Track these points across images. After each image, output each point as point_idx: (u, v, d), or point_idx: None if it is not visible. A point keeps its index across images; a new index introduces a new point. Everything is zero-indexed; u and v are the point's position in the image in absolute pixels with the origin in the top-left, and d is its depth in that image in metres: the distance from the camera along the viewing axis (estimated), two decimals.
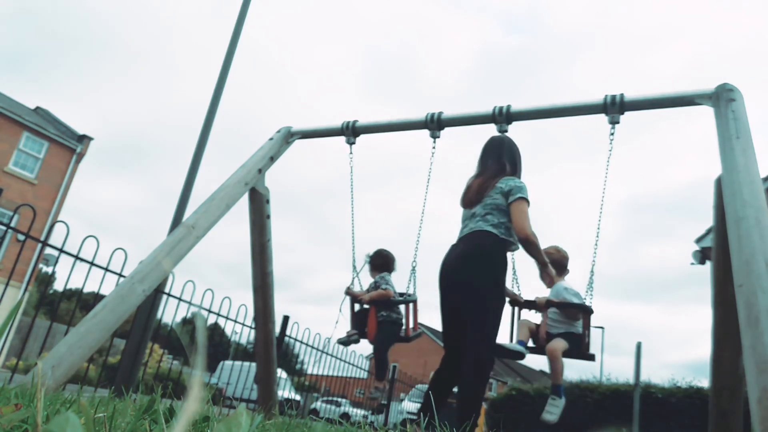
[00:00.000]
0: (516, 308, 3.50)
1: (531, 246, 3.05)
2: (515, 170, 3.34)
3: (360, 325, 4.02)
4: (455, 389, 3.04)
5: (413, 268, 3.75)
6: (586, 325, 3.31)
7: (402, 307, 3.95)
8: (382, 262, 4.19)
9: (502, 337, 3.17)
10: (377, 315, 3.92)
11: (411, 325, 3.86)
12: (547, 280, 3.37)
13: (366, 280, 4.15)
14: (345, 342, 4.00)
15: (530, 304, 3.42)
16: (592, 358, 3.33)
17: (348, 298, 4.08)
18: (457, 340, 3.06)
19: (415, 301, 3.88)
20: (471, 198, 3.26)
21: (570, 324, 3.38)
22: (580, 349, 3.32)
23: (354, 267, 4.02)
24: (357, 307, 4.08)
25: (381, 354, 3.94)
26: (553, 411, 3.22)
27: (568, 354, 3.31)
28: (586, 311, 3.26)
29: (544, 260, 3.18)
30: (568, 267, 3.62)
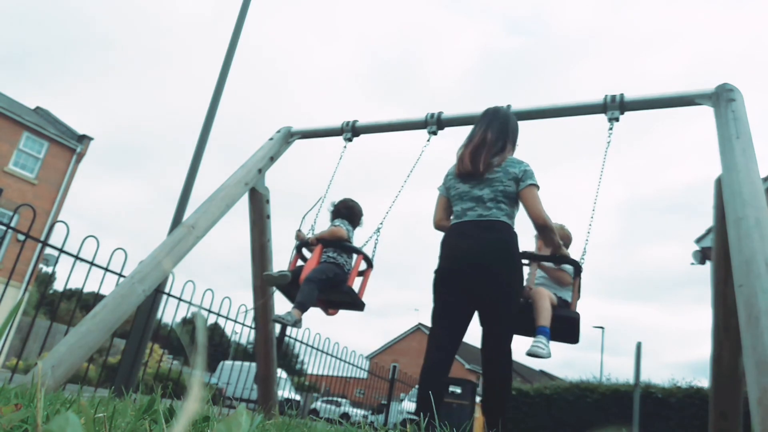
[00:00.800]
0: None
1: (549, 231, 2.96)
2: (514, 143, 3.15)
3: (297, 271, 3.55)
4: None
5: (377, 230, 3.56)
6: (576, 287, 3.18)
7: (352, 260, 3.61)
8: (347, 212, 3.85)
9: None
10: (320, 256, 3.54)
11: (358, 289, 3.55)
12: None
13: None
14: (273, 276, 3.47)
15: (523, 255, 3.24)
16: (577, 319, 3.06)
17: (296, 244, 3.73)
18: (460, 335, 2.91)
19: (370, 264, 3.59)
20: (467, 168, 2.99)
21: (558, 289, 3.30)
22: (567, 315, 3.09)
23: (311, 209, 3.77)
24: (306, 254, 3.71)
25: (310, 281, 3.38)
26: (542, 346, 2.89)
27: (556, 336, 3.14)
28: (576, 266, 3.12)
29: (558, 243, 3.08)
30: (569, 247, 3.56)
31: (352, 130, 4.01)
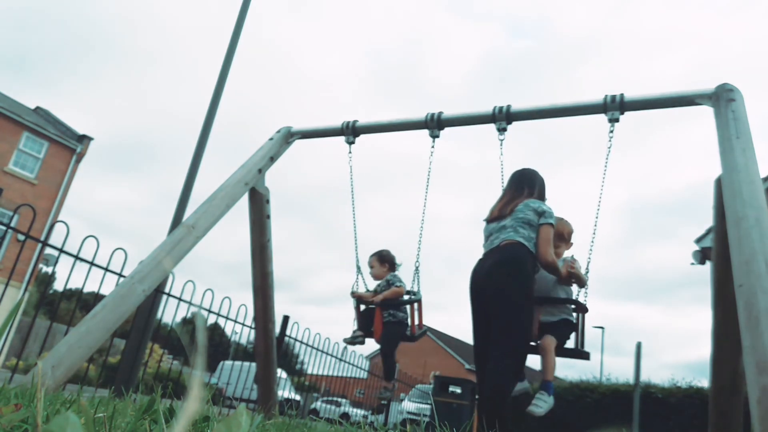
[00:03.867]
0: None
1: (551, 270, 3.23)
2: (542, 195, 3.45)
3: (365, 326, 4.03)
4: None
5: (416, 268, 3.79)
6: (580, 320, 3.31)
7: (407, 307, 3.97)
8: (391, 264, 4.19)
9: None
10: (383, 315, 3.93)
11: (416, 323, 3.88)
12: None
13: (369, 282, 4.18)
14: (350, 342, 4.01)
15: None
16: (586, 356, 3.31)
17: (353, 301, 4.09)
18: (484, 348, 3.13)
19: (419, 300, 3.90)
20: (496, 214, 3.35)
21: (563, 309, 3.38)
22: (573, 336, 3.30)
23: (358, 268, 4.05)
24: (362, 307, 4.09)
25: (388, 354, 3.96)
26: (540, 405, 3.11)
27: (562, 353, 3.29)
28: (581, 307, 3.27)
29: (561, 276, 3.31)
30: (572, 240, 3.62)
31: (352, 131, 4.00)
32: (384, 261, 4.16)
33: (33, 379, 2.35)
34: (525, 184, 3.43)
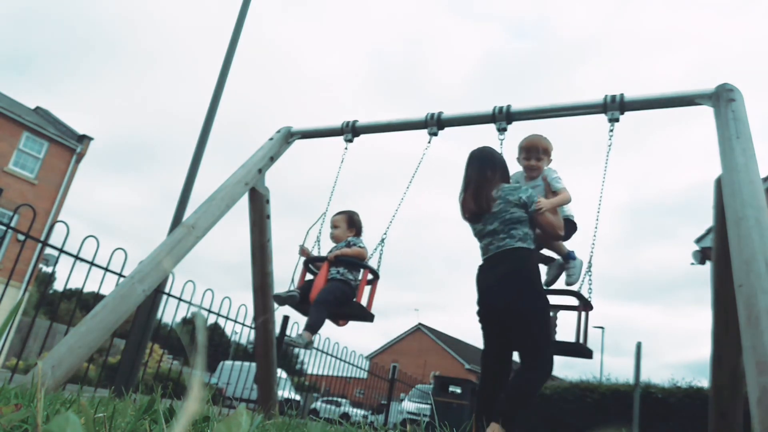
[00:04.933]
0: None
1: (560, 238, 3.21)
2: (506, 175, 3.28)
3: (306, 287, 3.55)
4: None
5: (382, 240, 3.59)
6: (583, 318, 3.25)
7: (359, 276, 3.59)
8: (357, 224, 3.79)
9: None
10: (329, 272, 3.50)
11: (367, 302, 3.55)
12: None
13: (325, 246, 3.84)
14: (282, 297, 3.49)
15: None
16: (589, 354, 3.26)
17: (302, 262, 3.70)
18: (501, 362, 3.08)
19: (376, 276, 3.60)
20: (472, 207, 3.18)
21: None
22: (574, 334, 3.23)
23: (314, 224, 3.77)
24: (308, 276, 3.69)
25: (319, 304, 3.39)
26: (573, 273, 3.27)
27: (564, 350, 3.25)
28: (585, 305, 3.22)
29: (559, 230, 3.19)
30: (551, 156, 3.37)
31: (352, 130, 4.01)
32: (352, 224, 3.76)
33: (33, 379, 2.35)
34: (487, 167, 3.23)
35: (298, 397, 11.93)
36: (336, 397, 18.29)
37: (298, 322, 6.46)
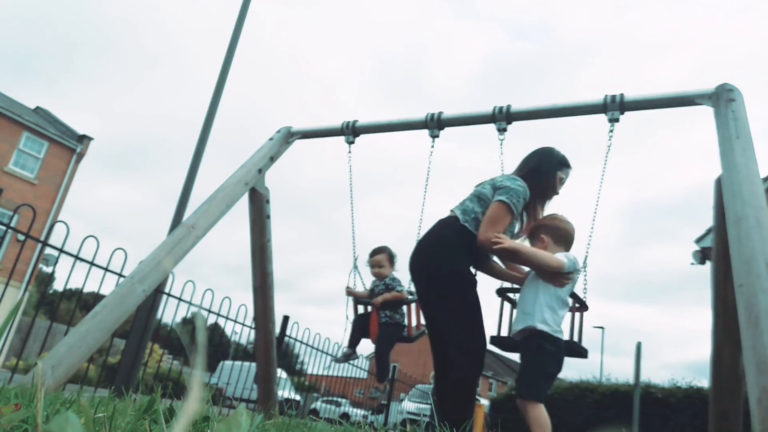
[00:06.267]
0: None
1: (483, 249, 2.83)
2: (534, 174, 3.05)
3: (361, 327, 3.97)
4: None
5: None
6: (578, 319, 3.16)
7: (404, 308, 3.90)
8: (394, 258, 4.04)
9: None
10: (379, 316, 3.87)
11: (414, 324, 3.83)
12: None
13: (366, 278, 4.08)
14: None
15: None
16: (584, 353, 3.04)
17: (351, 300, 4.00)
18: (435, 335, 2.93)
19: (417, 301, 3.80)
20: None
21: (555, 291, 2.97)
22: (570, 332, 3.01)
23: (355, 266, 3.97)
24: (360, 308, 4.01)
25: (382, 356, 3.90)
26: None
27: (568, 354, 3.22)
28: (581, 305, 3.12)
29: (515, 255, 2.86)
30: (568, 240, 2.98)
31: (352, 131, 4.00)
32: (393, 262, 4.03)
33: (33, 379, 2.35)
34: (522, 163, 3.17)
35: (298, 397, 11.93)
36: (336, 397, 18.28)
37: (297, 322, 6.46)
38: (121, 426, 1.13)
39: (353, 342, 4.00)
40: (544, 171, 3.07)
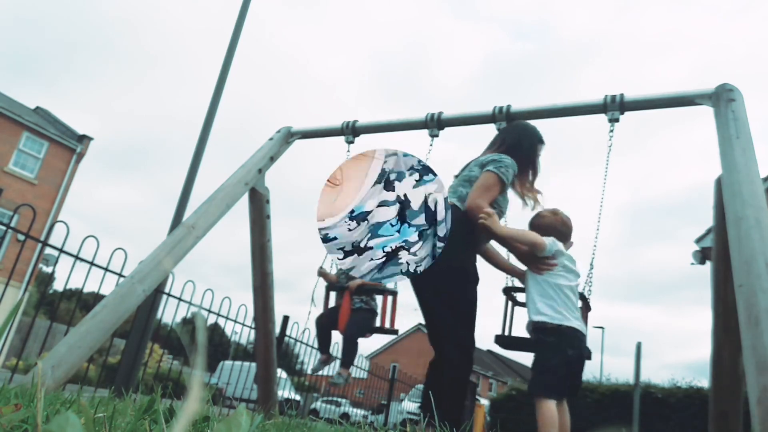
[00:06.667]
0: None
1: (471, 217, 2.72)
2: (516, 148, 3.02)
3: (329, 323, 3.79)
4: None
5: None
6: (584, 318, 3.16)
7: (379, 299, 3.74)
8: None
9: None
10: (352, 301, 3.68)
11: (389, 318, 3.67)
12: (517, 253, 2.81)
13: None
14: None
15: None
16: (587, 355, 3.12)
17: (322, 283, 3.85)
18: (433, 331, 2.89)
19: (395, 294, 3.69)
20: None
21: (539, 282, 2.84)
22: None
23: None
24: (332, 301, 3.86)
25: (351, 340, 3.71)
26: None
27: None
28: (584, 304, 3.12)
29: (492, 235, 2.79)
30: (569, 236, 2.94)
31: (352, 130, 4.00)
32: None
33: (33, 379, 2.35)
34: (499, 137, 3.10)
35: (298, 397, 11.93)
36: (336, 397, 18.29)
37: (297, 322, 6.47)
38: (121, 426, 1.13)
39: (324, 345, 3.84)
40: (527, 146, 3.07)
